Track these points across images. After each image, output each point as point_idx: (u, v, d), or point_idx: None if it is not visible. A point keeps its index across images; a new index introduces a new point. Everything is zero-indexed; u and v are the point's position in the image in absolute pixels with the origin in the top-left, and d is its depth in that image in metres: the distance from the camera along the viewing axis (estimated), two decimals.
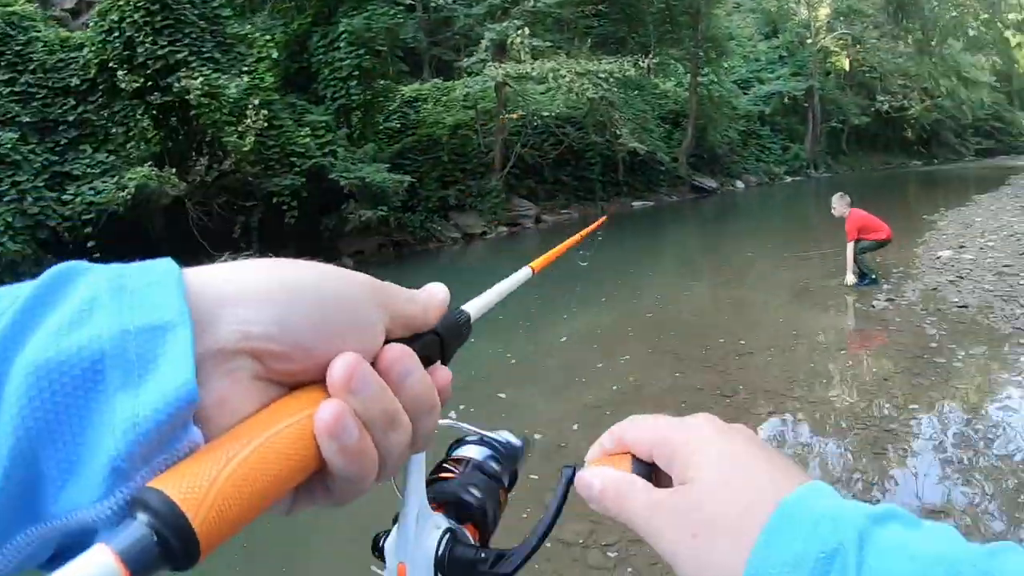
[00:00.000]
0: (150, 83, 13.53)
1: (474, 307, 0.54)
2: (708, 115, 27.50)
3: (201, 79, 13.26)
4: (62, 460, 0.31)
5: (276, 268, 0.39)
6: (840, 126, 39.69)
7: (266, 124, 14.04)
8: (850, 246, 9.49)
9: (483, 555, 0.53)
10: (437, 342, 0.46)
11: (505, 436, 0.65)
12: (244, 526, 0.33)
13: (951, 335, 7.37)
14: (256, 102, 13.86)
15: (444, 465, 0.61)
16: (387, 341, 0.41)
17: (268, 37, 16.70)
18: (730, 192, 28.98)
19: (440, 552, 0.53)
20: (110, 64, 13.56)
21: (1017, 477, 4.26)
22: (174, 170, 13.61)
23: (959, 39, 37.91)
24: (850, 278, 9.52)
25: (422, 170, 18.19)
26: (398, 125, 19.81)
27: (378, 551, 0.55)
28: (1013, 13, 34.77)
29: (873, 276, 9.67)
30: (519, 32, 18.15)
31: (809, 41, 37.60)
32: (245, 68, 14.65)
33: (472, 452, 0.63)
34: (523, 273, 0.68)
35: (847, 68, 40.63)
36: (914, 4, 31.76)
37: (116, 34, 13.44)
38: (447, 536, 0.53)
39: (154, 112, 14.14)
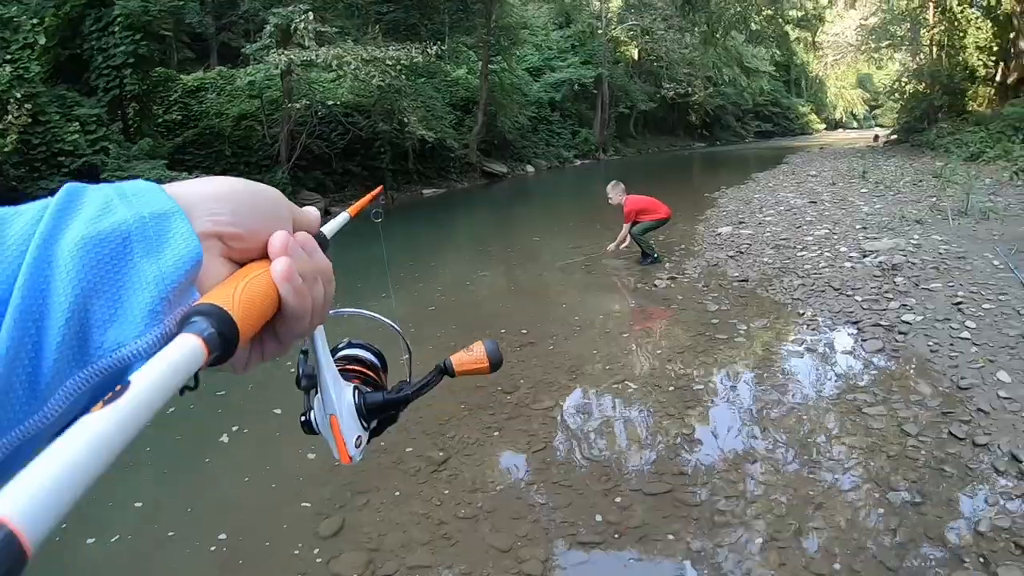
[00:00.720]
0: None
1: (325, 229, 0.70)
2: (499, 102, 28.63)
3: None
4: (108, 309, 0.44)
5: (219, 179, 0.56)
6: (628, 111, 42.82)
7: (30, 120, 13.62)
8: (626, 226, 10.02)
9: (386, 394, 0.77)
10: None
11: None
12: (253, 331, 0.49)
13: (733, 309, 7.62)
14: (19, 95, 13.44)
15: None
16: None
17: (36, 21, 15.88)
18: (521, 177, 29.95)
19: (357, 401, 0.74)
20: None
21: (803, 426, 4.74)
22: None
23: (742, 32, 41.37)
24: (611, 247, 10.19)
25: (204, 165, 17.97)
26: (179, 117, 19.45)
27: (307, 426, 0.74)
28: (794, 10, 38.28)
29: (655, 255, 9.99)
30: (304, 17, 17.55)
31: (600, 31, 40.19)
32: (8, 56, 13.98)
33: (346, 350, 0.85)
34: (343, 217, 0.84)
35: (636, 57, 44.08)
36: None
37: None
38: (356, 390, 0.75)
39: None
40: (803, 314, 7.32)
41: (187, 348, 0.41)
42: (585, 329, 7.31)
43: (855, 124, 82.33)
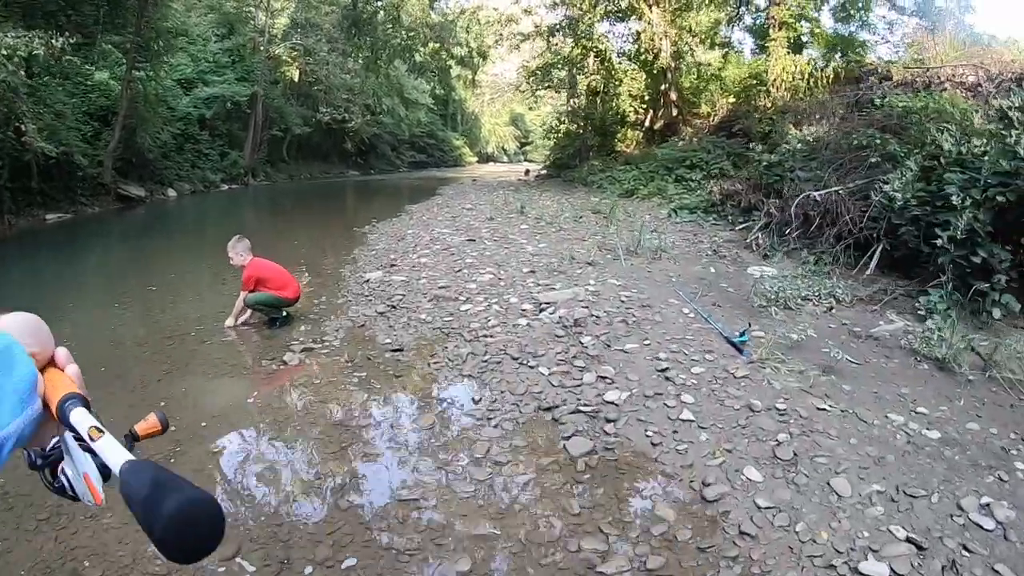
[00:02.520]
0: None
1: None
2: (141, 115, 27.47)
3: None
4: None
5: (20, 315, 0.97)
6: (282, 134, 43.56)
7: None
8: (243, 296, 8.58)
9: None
10: None
11: None
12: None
13: (385, 397, 6.24)
14: None
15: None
16: None
17: None
18: (160, 201, 28.70)
19: (97, 462, 1.01)
20: None
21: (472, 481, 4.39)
22: None
23: (406, 62, 43.66)
24: (230, 321, 8.70)
25: None
26: None
27: (61, 491, 1.01)
28: (459, 47, 41.29)
29: (285, 314, 8.82)
30: None
31: (262, 48, 40.74)
32: None
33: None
34: None
35: (296, 79, 45.25)
36: (368, 24, 35.85)
37: None
38: (93, 455, 1.04)
39: None
40: (479, 401, 5.95)
41: (83, 411, 0.88)
42: (188, 447, 5.29)
43: (506, 159, 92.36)
